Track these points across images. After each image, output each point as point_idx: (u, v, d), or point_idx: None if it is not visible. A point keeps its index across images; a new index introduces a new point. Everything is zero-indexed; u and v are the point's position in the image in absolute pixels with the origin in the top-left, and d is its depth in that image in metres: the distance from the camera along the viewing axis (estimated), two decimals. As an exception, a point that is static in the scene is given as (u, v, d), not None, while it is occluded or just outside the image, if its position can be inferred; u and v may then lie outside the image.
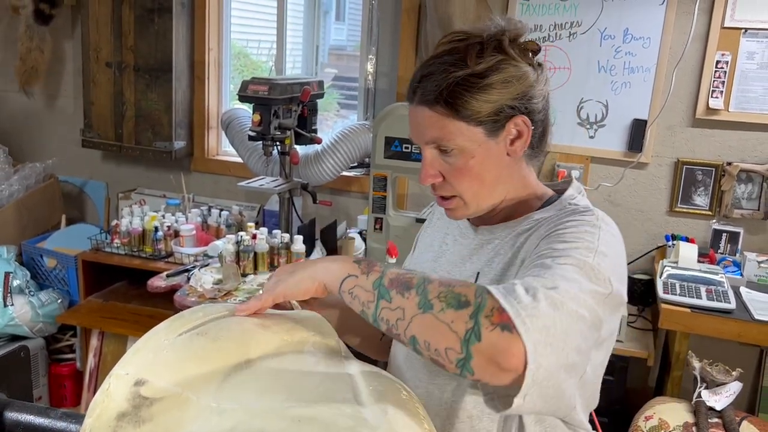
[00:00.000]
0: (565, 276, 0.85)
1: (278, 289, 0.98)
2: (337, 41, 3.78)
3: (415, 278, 0.87)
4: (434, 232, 1.29)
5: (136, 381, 0.79)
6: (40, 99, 3.51)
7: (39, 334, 2.88)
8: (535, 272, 0.88)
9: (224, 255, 2.31)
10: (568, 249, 0.92)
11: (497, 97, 1.03)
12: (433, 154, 1.07)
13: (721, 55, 2.51)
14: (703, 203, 2.63)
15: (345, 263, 0.95)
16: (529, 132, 1.07)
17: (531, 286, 0.81)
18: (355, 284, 0.92)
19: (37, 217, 3.25)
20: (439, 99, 1.02)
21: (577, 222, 0.99)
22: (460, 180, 1.07)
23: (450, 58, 1.03)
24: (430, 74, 1.04)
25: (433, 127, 1.04)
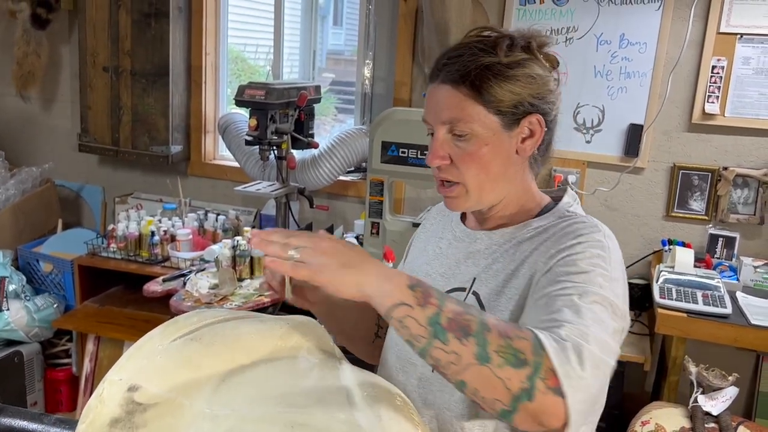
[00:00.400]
0: (596, 320, 0.90)
1: (321, 277, 0.87)
2: (335, 46, 3.78)
3: (474, 322, 0.85)
4: (428, 237, 1.29)
5: (130, 387, 0.79)
6: (36, 103, 3.51)
7: (35, 339, 2.87)
8: (567, 315, 0.90)
9: (220, 260, 2.30)
10: (587, 282, 0.95)
11: (520, 90, 1.04)
12: (446, 136, 1.06)
13: (716, 61, 2.52)
14: (700, 208, 2.63)
15: (400, 286, 0.88)
16: (541, 132, 1.08)
17: (577, 343, 0.85)
18: (408, 314, 0.87)
19: (34, 221, 3.24)
20: (465, 79, 1.03)
21: (587, 244, 1.00)
22: (468, 166, 1.06)
23: (480, 46, 1.05)
24: (458, 56, 1.05)
25: (454, 107, 1.04)
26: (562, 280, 0.96)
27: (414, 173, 2.38)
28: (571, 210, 1.12)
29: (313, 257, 0.88)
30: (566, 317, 0.89)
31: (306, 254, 0.88)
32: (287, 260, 0.88)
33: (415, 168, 2.36)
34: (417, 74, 2.88)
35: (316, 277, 0.87)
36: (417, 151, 2.35)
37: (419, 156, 2.35)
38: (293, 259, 0.88)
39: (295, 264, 0.88)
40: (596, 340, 0.87)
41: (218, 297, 2.14)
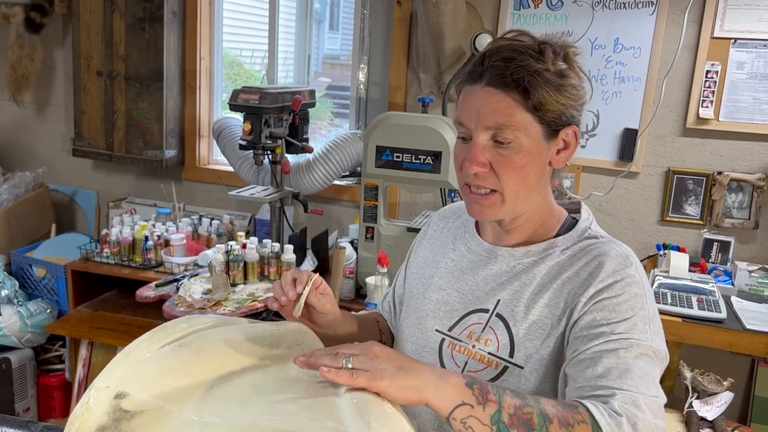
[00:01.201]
0: (643, 377, 0.93)
1: (382, 383, 0.84)
2: (331, 50, 3.78)
3: (534, 415, 0.86)
4: (434, 246, 1.26)
5: (117, 394, 0.78)
6: (30, 107, 3.50)
7: (27, 345, 2.85)
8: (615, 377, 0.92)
9: (214, 265, 2.29)
10: (630, 331, 0.97)
11: (566, 100, 1.02)
12: (488, 142, 1.03)
13: (710, 65, 2.52)
14: (694, 212, 2.63)
15: (457, 386, 0.87)
16: (576, 145, 1.07)
17: (631, 414, 0.88)
18: (470, 414, 0.86)
19: (27, 226, 3.22)
20: (518, 84, 1.00)
21: (623, 282, 1.01)
22: (510, 174, 1.03)
23: (529, 51, 1.01)
24: (510, 59, 1.01)
25: (501, 112, 1.01)
26: (605, 331, 0.97)
27: (409, 178, 2.37)
28: (593, 229, 1.12)
29: (368, 363, 0.86)
30: (615, 383, 0.91)
31: (360, 362, 0.86)
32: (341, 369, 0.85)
33: (409, 172, 2.36)
34: (412, 79, 2.88)
35: (376, 382, 0.85)
36: (411, 156, 2.35)
37: (413, 160, 2.35)
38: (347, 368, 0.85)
39: (353, 371, 0.85)
40: (648, 405, 0.90)
41: (211, 302, 2.13)
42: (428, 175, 2.34)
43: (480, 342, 1.08)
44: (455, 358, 1.10)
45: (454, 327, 1.12)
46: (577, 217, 1.15)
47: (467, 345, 1.09)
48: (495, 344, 1.06)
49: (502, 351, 1.06)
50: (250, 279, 2.34)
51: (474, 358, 1.08)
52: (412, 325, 1.19)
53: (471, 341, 1.09)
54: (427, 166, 2.34)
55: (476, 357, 1.08)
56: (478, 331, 1.09)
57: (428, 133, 2.31)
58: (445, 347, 1.12)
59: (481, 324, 1.09)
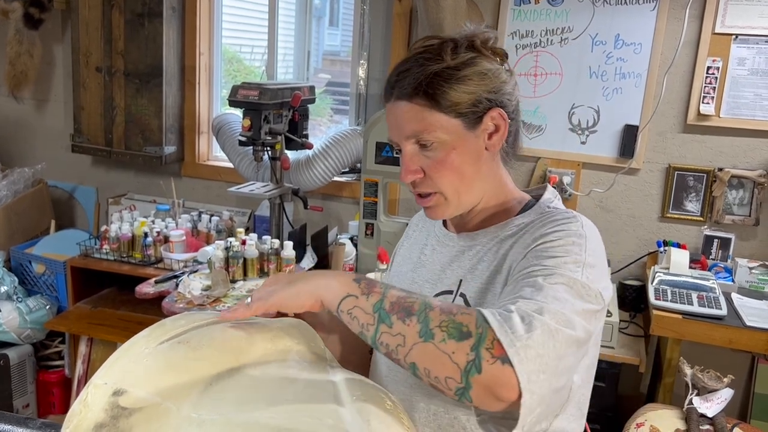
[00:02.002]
0: (557, 297, 0.87)
1: (273, 299, 0.94)
2: (331, 47, 3.77)
3: (417, 303, 0.87)
4: (412, 245, 1.29)
5: (115, 391, 0.78)
6: (29, 103, 3.49)
7: (27, 341, 2.85)
8: (527, 293, 0.88)
9: (213, 261, 2.29)
10: (557, 265, 0.93)
11: (474, 88, 1.05)
12: (413, 149, 1.07)
13: (711, 61, 2.51)
14: (695, 209, 2.62)
15: (345, 281, 0.93)
16: (506, 125, 1.08)
17: (526, 313, 0.83)
18: (355, 305, 0.90)
19: (26, 222, 3.22)
20: (418, 91, 1.03)
21: (563, 233, 0.99)
22: (441, 173, 1.07)
23: (425, 55, 1.05)
24: (406, 70, 1.05)
25: (413, 120, 1.05)
26: (532, 264, 0.95)
27: (408, 174, 2.36)
28: (552, 206, 1.12)
29: (262, 292, 0.96)
30: (524, 294, 0.89)
31: (256, 293, 0.97)
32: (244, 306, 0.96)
33: (409, 169, 2.35)
34: (412, 75, 2.87)
35: (270, 301, 0.94)
36: (411, 152, 2.34)
37: (414, 157, 2.34)
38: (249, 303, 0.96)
39: (249, 304, 0.95)
40: (551, 313, 0.84)
41: (211, 299, 2.13)
42: (428, 171, 2.34)
43: None
44: None
45: None
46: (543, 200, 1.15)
47: None
48: None
49: None
50: (250, 275, 2.34)
51: None
52: None
53: None
54: (427, 163, 2.33)
55: None
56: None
57: (428, 130, 2.30)
58: None
59: None
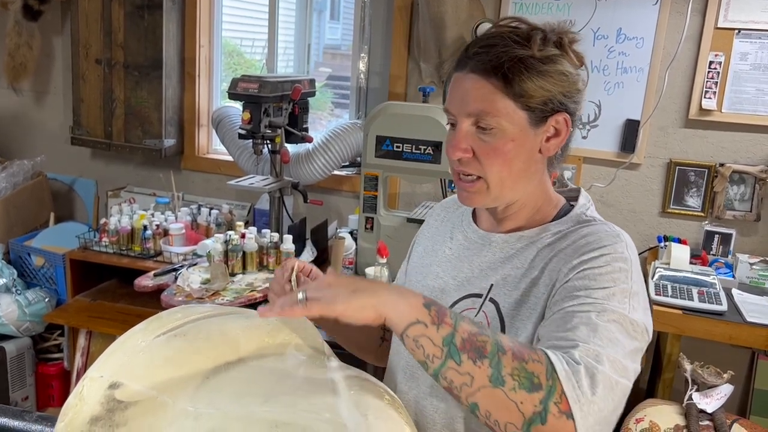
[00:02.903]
0: (611, 339, 0.89)
1: (335, 306, 0.86)
2: (332, 40, 3.75)
3: (489, 343, 0.85)
4: (434, 237, 1.25)
5: (111, 384, 0.77)
6: (28, 95, 3.48)
7: (26, 334, 2.85)
8: (583, 333, 0.89)
9: (212, 254, 2.28)
10: (607, 298, 0.94)
11: (551, 86, 1.01)
12: (470, 128, 1.03)
13: (714, 56, 2.50)
14: (696, 204, 2.62)
15: (414, 304, 0.87)
16: (567, 132, 1.05)
17: (590, 364, 0.85)
18: (423, 333, 0.86)
19: (25, 214, 3.21)
20: (497, 70, 0.99)
21: (610, 256, 0.98)
22: (492, 160, 1.02)
23: (514, 37, 1.01)
24: (491, 45, 1.01)
25: (482, 99, 1.00)
26: (581, 295, 0.94)
27: (409, 168, 2.36)
28: (588, 214, 1.10)
29: (321, 292, 0.88)
30: (581, 336, 0.89)
31: (312, 291, 0.88)
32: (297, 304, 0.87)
33: (409, 163, 2.34)
34: (412, 68, 2.86)
35: (331, 307, 0.86)
36: (411, 146, 2.33)
37: (414, 151, 2.33)
38: (303, 301, 0.87)
39: (307, 304, 0.87)
40: (610, 361, 0.87)
41: (210, 292, 2.12)
42: (428, 165, 2.33)
43: None
44: None
45: None
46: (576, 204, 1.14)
47: None
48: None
49: None
50: (249, 269, 2.33)
51: None
52: None
53: None
54: (428, 157, 2.33)
55: None
56: (472, 316, 1.09)
57: (429, 123, 2.30)
58: None
59: (474, 309, 1.09)
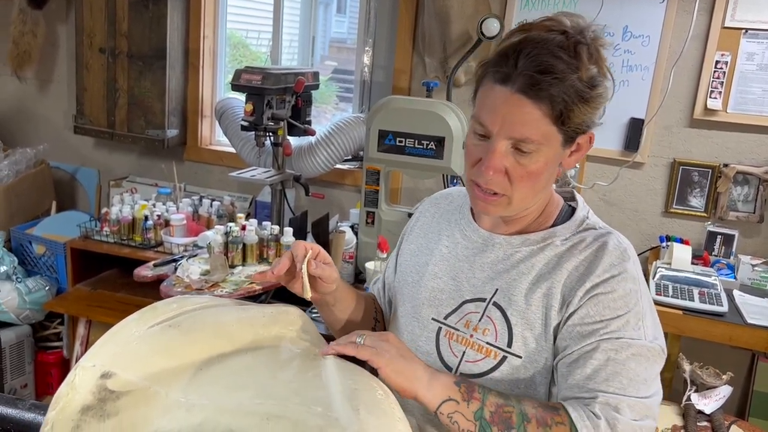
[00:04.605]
0: (632, 379, 0.95)
1: (381, 359, 0.93)
2: (338, 34, 3.74)
3: (514, 414, 0.91)
4: (427, 233, 1.24)
5: (103, 373, 0.77)
6: (32, 83, 3.47)
7: (26, 322, 2.85)
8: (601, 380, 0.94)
9: (212, 246, 2.28)
10: (621, 328, 0.97)
11: (592, 112, 0.98)
12: (507, 149, 0.99)
13: (720, 56, 2.48)
14: (699, 205, 2.60)
15: (446, 384, 0.95)
16: (588, 149, 1.05)
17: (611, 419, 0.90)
18: (456, 410, 0.93)
19: (27, 202, 3.21)
20: (553, 101, 0.94)
21: (620, 277, 1.00)
22: (524, 183, 1.00)
23: (564, 55, 0.94)
24: (545, 70, 0.93)
25: (529, 125, 0.96)
26: (597, 329, 0.97)
27: (411, 163, 2.34)
28: (590, 220, 1.11)
29: (377, 342, 0.96)
30: (601, 385, 0.94)
31: (370, 340, 0.97)
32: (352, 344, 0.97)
33: (412, 158, 2.33)
34: (417, 63, 2.85)
35: (377, 358, 0.93)
36: (414, 141, 2.32)
37: (416, 146, 2.32)
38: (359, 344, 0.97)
39: (360, 348, 0.95)
40: (630, 407, 0.92)
41: (209, 283, 2.11)
42: (431, 160, 2.32)
43: (478, 332, 1.07)
44: (453, 348, 1.09)
45: (450, 315, 1.12)
46: (573, 205, 1.14)
47: (465, 334, 1.09)
48: (493, 334, 1.06)
49: (500, 341, 1.05)
50: (249, 261, 2.33)
51: (472, 348, 1.07)
52: (408, 314, 1.18)
53: (468, 330, 1.08)
54: (430, 152, 2.31)
55: (474, 347, 1.07)
56: (476, 320, 1.08)
57: (432, 119, 2.28)
58: (442, 336, 1.11)
59: (478, 313, 1.08)
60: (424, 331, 1.13)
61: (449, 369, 1.09)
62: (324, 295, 1.12)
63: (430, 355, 1.11)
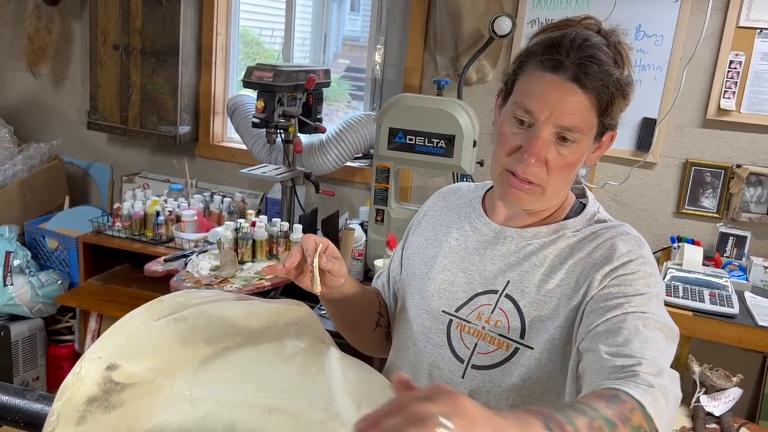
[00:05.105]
0: (661, 350, 0.92)
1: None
2: (352, 32, 3.74)
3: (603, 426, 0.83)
4: (434, 227, 1.24)
5: (109, 365, 0.77)
6: (47, 80, 3.50)
7: (38, 315, 2.88)
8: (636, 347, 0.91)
9: (222, 242, 2.29)
10: (645, 304, 0.96)
11: (625, 107, 1.02)
12: (551, 138, 1.00)
13: (734, 55, 2.46)
14: (711, 206, 2.58)
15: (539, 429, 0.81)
16: (608, 147, 1.07)
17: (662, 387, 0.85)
18: None
19: (41, 197, 3.24)
20: (603, 91, 0.97)
21: (638, 261, 1.01)
22: (561, 173, 1.02)
23: (608, 50, 0.99)
24: (597, 61, 0.97)
25: (579, 114, 0.98)
26: (621, 302, 0.97)
27: (421, 161, 2.34)
28: (601, 214, 1.12)
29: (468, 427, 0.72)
30: (636, 350, 0.91)
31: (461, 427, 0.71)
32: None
33: (422, 156, 2.33)
34: (428, 61, 2.84)
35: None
36: (424, 139, 2.32)
37: (426, 144, 2.32)
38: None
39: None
40: (670, 376, 0.90)
41: (219, 279, 2.13)
42: (441, 159, 2.31)
43: (490, 323, 1.08)
44: (464, 340, 1.10)
45: (462, 308, 1.12)
46: (584, 201, 1.15)
47: (476, 326, 1.09)
48: (505, 325, 1.07)
49: (513, 332, 1.06)
50: (258, 257, 2.34)
51: (484, 339, 1.08)
52: (417, 306, 1.18)
53: (480, 322, 1.09)
54: (440, 150, 2.31)
55: (486, 338, 1.08)
56: (488, 312, 1.09)
57: (442, 117, 2.28)
58: (453, 329, 1.12)
59: (490, 305, 1.09)
60: (434, 323, 1.14)
61: (461, 361, 1.09)
62: (332, 289, 1.12)
63: (441, 347, 1.12)
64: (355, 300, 1.20)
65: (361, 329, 1.29)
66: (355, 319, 1.26)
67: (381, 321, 1.28)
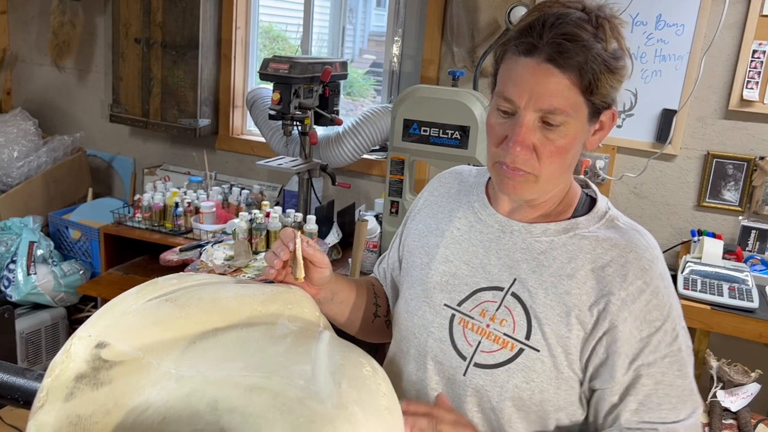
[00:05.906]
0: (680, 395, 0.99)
1: None
2: (378, 27, 3.73)
3: None
4: (435, 214, 1.19)
5: (98, 343, 0.79)
6: (71, 73, 3.57)
7: (60, 304, 2.94)
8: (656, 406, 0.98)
9: (237, 232, 2.31)
10: (661, 343, 0.99)
11: (616, 83, 0.96)
12: (535, 123, 0.96)
13: (758, 45, 2.40)
14: (733, 198, 2.53)
15: None
16: (611, 127, 1.02)
17: None
18: None
19: (64, 189, 3.31)
20: (581, 68, 0.92)
21: (654, 286, 1.00)
22: (552, 159, 0.97)
23: (587, 26, 0.93)
24: (571, 38, 0.91)
25: (559, 95, 0.93)
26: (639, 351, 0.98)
27: (436, 152, 2.33)
28: (612, 211, 1.08)
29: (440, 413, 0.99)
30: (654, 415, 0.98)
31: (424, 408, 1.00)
32: None
33: (437, 147, 2.32)
34: (445, 52, 2.83)
35: None
36: (439, 130, 2.31)
37: (441, 135, 2.31)
38: None
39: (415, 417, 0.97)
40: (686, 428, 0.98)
41: (232, 268, 2.15)
42: (456, 150, 2.30)
43: (495, 322, 1.04)
44: (467, 336, 1.06)
45: (464, 302, 1.08)
46: (590, 193, 1.11)
47: (480, 324, 1.05)
48: (511, 325, 1.03)
49: (519, 333, 1.02)
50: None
51: (488, 338, 1.04)
52: (418, 298, 1.14)
53: (485, 320, 1.05)
54: (455, 141, 2.30)
55: (490, 337, 1.04)
56: (492, 309, 1.05)
57: (457, 108, 2.27)
58: (455, 324, 1.08)
59: (495, 302, 1.05)
60: (436, 317, 1.10)
61: (463, 358, 1.06)
62: (320, 287, 1.11)
63: (443, 342, 1.08)
64: (347, 297, 1.19)
65: (360, 322, 1.26)
66: (351, 315, 1.24)
67: (378, 311, 1.26)
